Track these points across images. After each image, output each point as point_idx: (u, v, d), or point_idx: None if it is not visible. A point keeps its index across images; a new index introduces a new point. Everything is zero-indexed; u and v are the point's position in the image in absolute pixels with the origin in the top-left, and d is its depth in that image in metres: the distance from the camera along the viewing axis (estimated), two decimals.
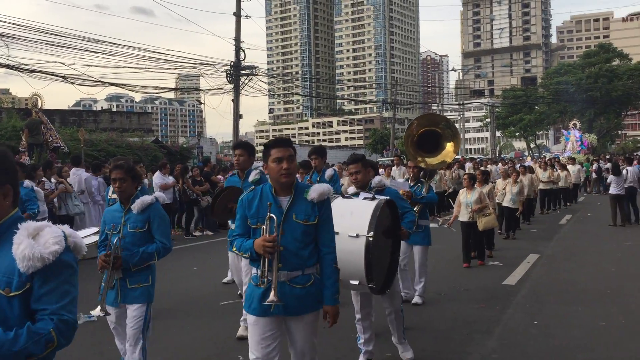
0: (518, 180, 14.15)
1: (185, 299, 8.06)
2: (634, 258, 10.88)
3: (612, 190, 15.90)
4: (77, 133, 20.39)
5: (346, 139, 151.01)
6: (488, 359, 5.49)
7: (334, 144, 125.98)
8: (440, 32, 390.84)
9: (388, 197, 4.69)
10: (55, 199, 11.29)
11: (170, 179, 14.32)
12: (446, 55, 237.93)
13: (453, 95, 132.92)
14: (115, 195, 4.75)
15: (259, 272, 3.58)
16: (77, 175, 12.73)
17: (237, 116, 29.47)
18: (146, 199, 4.41)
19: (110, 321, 4.45)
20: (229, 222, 6.01)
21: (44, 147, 17.27)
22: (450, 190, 17.30)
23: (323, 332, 6.02)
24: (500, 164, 27.51)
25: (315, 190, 3.61)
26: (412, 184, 7.86)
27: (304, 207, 3.59)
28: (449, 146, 7.83)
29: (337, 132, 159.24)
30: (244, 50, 28.60)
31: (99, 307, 4.16)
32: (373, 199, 4.47)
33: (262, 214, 3.58)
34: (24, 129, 17.39)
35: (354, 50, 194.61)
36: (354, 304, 5.29)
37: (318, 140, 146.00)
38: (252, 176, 5.94)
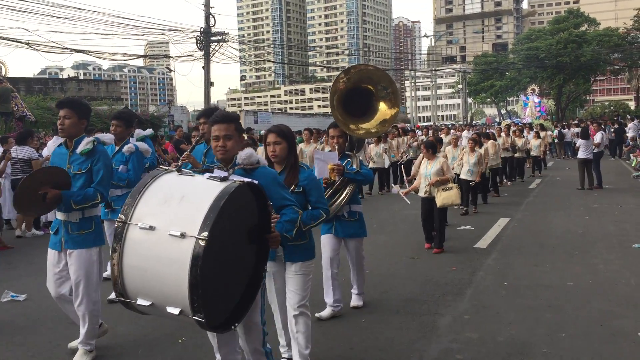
0: (476, 149, 12.40)
1: None
2: (601, 221, 11.13)
3: (581, 154, 16.14)
4: (44, 102, 19.90)
5: (319, 106, 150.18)
6: (460, 320, 5.59)
7: (307, 111, 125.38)
8: None
9: (252, 180, 3.07)
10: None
11: None
12: (418, 22, 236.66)
13: (425, 62, 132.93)
14: None
15: None
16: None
17: (208, 84, 29.07)
18: None
19: None
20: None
21: (10, 116, 16.83)
22: (403, 160, 16.49)
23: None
24: (462, 130, 27.71)
25: None
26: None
27: None
28: (383, 105, 5.86)
29: (310, 100, 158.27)
30: (214, 16, 28.07)
31: None
32: (224, 179, 2.88)
33: None
34: None
35: (326, 17, 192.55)
36: (210, 339, 3.66)
37: (291, 108, 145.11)
38: (83, 146, 4.58)
